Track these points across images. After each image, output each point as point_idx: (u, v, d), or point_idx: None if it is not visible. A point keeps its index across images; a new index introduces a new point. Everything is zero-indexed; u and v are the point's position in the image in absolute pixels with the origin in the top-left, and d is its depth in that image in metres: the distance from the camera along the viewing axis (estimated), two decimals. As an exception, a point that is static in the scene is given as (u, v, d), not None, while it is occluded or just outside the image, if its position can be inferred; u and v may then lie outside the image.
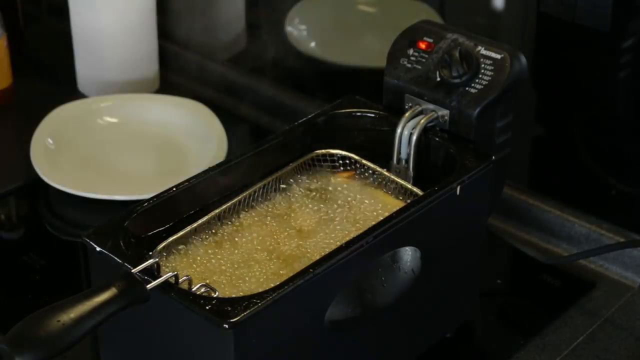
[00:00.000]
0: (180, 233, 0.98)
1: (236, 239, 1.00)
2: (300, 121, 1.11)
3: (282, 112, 1.48)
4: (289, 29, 1.63)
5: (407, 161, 1.07)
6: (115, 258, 0.90)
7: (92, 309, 0.83)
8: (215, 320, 0.84)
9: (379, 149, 1.10)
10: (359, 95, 1.14)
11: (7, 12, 1.54)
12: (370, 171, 1.09)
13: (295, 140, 1.09)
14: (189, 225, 0.99)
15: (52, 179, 1.30)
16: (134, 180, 1.33)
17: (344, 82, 1.53)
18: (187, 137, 1.42)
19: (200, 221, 0.99)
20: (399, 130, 1.07)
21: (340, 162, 1.10)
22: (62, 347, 0.81)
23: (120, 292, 0.85)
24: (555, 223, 1.25)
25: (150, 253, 0.95)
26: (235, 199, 1.03)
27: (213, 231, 1.00)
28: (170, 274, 0.88)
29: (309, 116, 1.12)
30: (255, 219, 1.03)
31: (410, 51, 1.11)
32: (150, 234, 0.98)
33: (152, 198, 0.98)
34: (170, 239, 0.97)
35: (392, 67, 1.11)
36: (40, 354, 0.80)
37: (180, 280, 0.88)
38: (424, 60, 1.10)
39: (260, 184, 1.05)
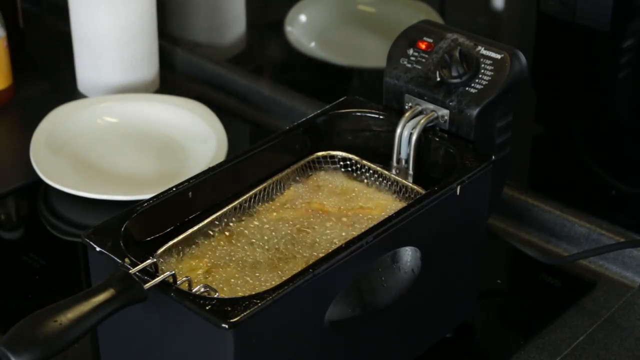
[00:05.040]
0: (181, 236, 0.98)
1: (237, 241, 1.00)
2: (300, 121, 1.11)
3: (282, 112, 1.48)
4: (289, 29, 1.63)
5: (407, 161, 1.07)
6: (115, 258, 0.90)
7: (90, 309, 0.83)
8: (215, 320, 0.84)
9: (379, 149, 1.10)
10: (359, 95, 1.14)
11: (7, 12, 1.54)
12: (371, 171, 1.09)
13: (295, 140, 1.09)
14: (189, 227, 0.99)
15: (52, 179, 1.30)
16: (134, 180, 1.33)
17: (344, 82, 1.53)
18: (187, 137, 1.42)
19: (201, 224, 0.99)
20: (398, 130, 1.07)
21: (341, 163, 1.10)
22: (60, 347, 0.81)
23: (118, 292, 0.85)
24: (555, 223, 1.25)
25: (151, 255, 0.95)
26: (236, 202, 1.02)
27: (214, 233, 1.00)
28: (167, 273, 0.88)
29: (309, 116, 1.12)
30: (256, 221, 1.03)
31: (410, 51, 1.11)
32: (150, 237, 0.98)
33: (152, 198, 0.98)
34: (171, 242, 0.97)
35: (392, 67, 1.11)
36: (38, 354, 0.80)
37: (179, 281, 0.89)
38: (424, 60, 1.10)
39: (261, 187, 1.05)
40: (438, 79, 1.08)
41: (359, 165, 1.09)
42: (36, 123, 1.41)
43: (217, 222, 1.01)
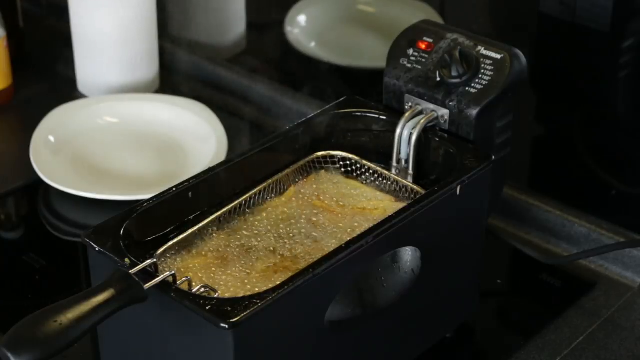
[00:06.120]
0: (181, 236, 0.98)
1: (237, 241, 1.00)
2: (300, 121, 1.11)
3: (282, 112, 1.48)
4: (289, 29, 1.63)
5: (407, 161, 1.07)
6: (115, 258, 0.90)
7: (90, 310, 0.83)
8: (215, 320, 0.84)
9: (379, 149, 1.10)
10: (359, 95, 1.14)
11: (7, 12, 1.54)
12: (371, 171, 1.09)
13: (295, 141, 1.09)
14: (189, 227, 0.99)
15: (52, 179, 1.30)
16: (134, 180, 1.33)
17: (344, 82, 1.53)
18: (187, 137, 1.42)
19: (201, 224, 0.99)
20: (398, 130, 1.07)
21: (341, 163, 1.10)
22: (60, 347, 0.81)
23: (118, 292, 0.85)
24: (555, 223, 1.25)
25: (151, 255, 0.95)
26: (236, 202, 1.02)
27: (214, 233, 1.00)
28: (167, 273, 0.88)
29: (309, 116, 1.12)
30: (256, 221, 1.03)
31: (410, 51, 1.11)
32: (150, 237, 0.98)
33: (152, 198, 0.98)
34: (171, 242, 0.97)
35: (392, 67, 1.11)
36: (38, 354, 0.79)
37: (179, 281, 0.89)
38: (424, 60, 1.10)
39: (261, 186, 1.04)
40: (438, 79, 1.08)
41: (358, 165, 1.09)
42: (36, 123, 1.41)
43: (217, 222, 1.01)
